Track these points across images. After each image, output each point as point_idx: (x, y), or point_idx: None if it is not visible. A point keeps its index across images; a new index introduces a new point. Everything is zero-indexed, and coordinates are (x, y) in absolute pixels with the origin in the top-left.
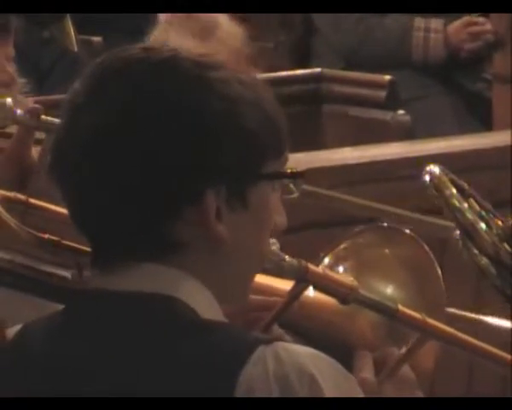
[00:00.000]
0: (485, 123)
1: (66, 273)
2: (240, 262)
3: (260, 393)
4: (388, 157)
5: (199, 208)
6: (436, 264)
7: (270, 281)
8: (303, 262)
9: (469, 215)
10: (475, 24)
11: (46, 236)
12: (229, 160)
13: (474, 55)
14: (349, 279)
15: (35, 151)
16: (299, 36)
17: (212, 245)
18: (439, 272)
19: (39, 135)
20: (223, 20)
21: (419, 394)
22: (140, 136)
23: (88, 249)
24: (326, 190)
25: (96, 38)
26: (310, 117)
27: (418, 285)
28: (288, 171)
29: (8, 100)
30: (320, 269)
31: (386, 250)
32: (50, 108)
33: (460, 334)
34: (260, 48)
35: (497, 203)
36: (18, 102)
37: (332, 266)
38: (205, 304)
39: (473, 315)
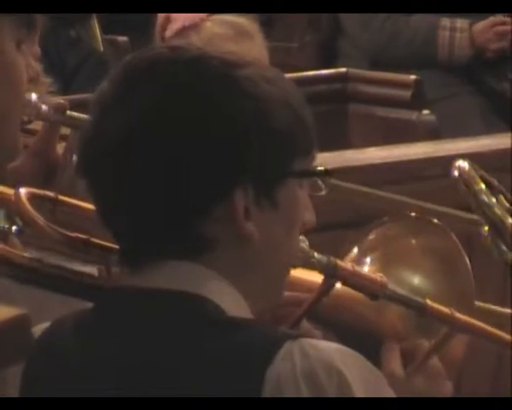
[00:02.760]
0: (509, 122)
1: (96, 271)
2: (269, 260)
3: (288, 388)
4: (414, 157)
5: (227, 207)
6: (464, 254)
7: (300, 273)
8: (332, 259)
9: (498, 211)
10: (501, 24)
11: (75, 234)
12: (258, 158)
13: (500, 55)
14: (378, 275)
15: (60, 147)
16: (324, 36)
17: (240, 243)
18: (468, 262)
19: (64, 130)
20: (251, 24)
21: (448, 386)
22: (169, 135)
23: (117, 247)
24: (357, 186)
25: (122, 38)
26: (335, 117)
27: (446, 275)
28: (316, 168)
29: (33, 96)
30: (349, 265)
31: (414, 240)
32: (77, 108)
33: (488, 327)
34: (286, 48)
35: None
36: (43, 98)
37: (360, 257)
38: (232, 302)
39: (498, 308)
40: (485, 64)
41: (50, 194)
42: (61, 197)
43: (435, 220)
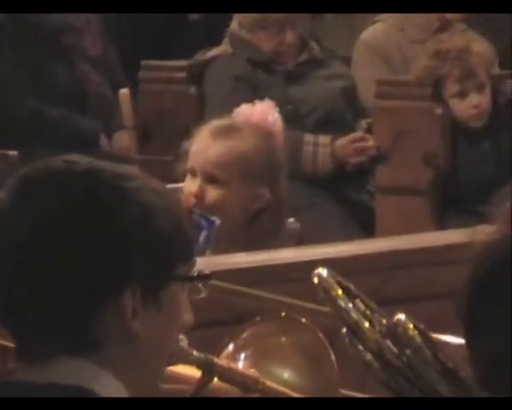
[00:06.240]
0: (368, 230)
1: None
2: (151, 356)
3: None
4: (280, 261)
5: (117, 307)
6: (329, 349)
7: (181, 368)
8: (209, 357)
9: (354, 315)
10: (360, 140)
11: None
12: (144, 263)
13: (359, 169)
14: (251, 371)
15: None
16: None
17: (127, 340)
18: (333, 356)
19: None
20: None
21: None
22: (63, 243)
23: (13, 345)
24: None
25: (12, 153)
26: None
27: (314, 369)
28: (198, 273)
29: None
30: (225, 362)
31: (284, 338)
32: None
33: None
34: (162, 161)
35: (380, 303)
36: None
37: (235, 353)
38: (115, 395)
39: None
40: (345, 177)
41: None
42: None
43: (303, 320)
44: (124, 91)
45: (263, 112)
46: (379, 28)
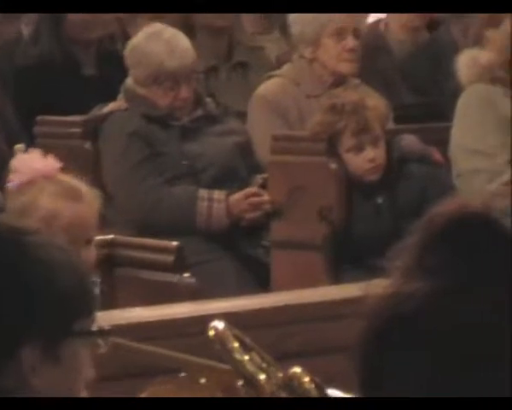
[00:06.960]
0: (264, 285)
1: None
2: None
3: None
4: (176, 316)
5: (16, 364)
6: None
7: None
8: None
9: (250, 367)
10: (254, 195)
11: None
12: (43, 319)
13: (254, 224)
14: None
15: None
16: None
17: (30, 395)
18: None
19: None
20: (84, 187)
21: None
22: None
23: None
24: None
25: None
26: (102, 281)
27: None
28: (98, 328)
29: None
30: None
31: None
32: None
33: None
34: None
35: (277, 357)
36: None
37: None
38: None
39: None
40: (241, 232)
41: None
42: None
43: (202, 380)
44: (19, 146)
45: (47, 162)
46: (275, 83)
